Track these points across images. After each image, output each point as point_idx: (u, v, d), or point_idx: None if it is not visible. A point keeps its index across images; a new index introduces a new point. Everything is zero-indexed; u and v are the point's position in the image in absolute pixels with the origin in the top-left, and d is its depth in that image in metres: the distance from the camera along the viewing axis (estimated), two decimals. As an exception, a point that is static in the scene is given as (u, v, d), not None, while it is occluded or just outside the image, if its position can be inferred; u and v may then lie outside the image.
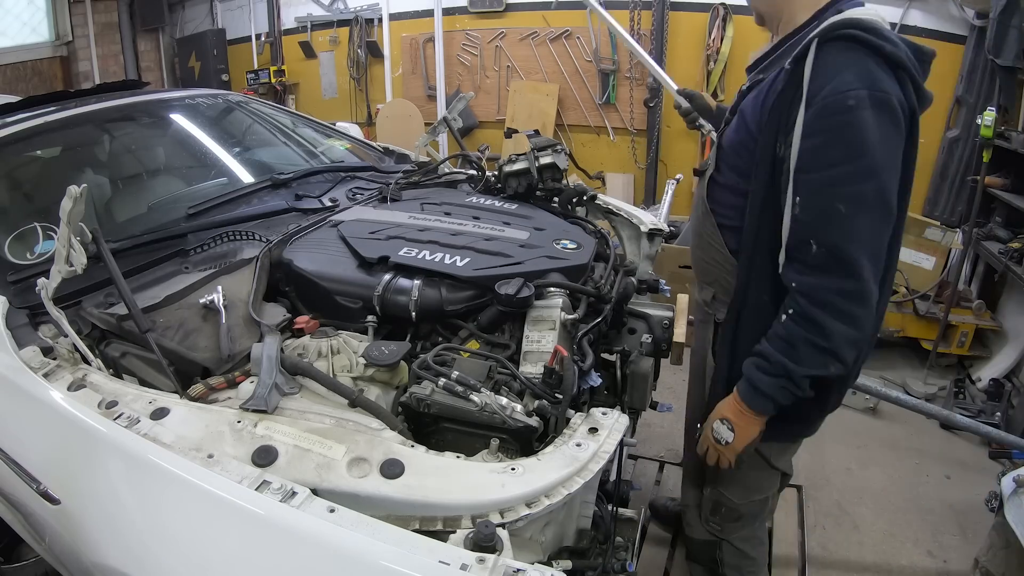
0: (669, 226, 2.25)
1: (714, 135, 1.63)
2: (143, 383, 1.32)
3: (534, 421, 1.20)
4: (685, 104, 1.84)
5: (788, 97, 1.15)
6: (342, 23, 5.88)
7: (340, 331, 1.44)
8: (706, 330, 1.55)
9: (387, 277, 1.52)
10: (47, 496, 1.15)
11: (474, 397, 1.21)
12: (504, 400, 1.21)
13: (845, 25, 1.09)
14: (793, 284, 1.20)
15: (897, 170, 1.14)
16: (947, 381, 3.38)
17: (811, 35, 1.12)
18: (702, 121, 1.83)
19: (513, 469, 1.06)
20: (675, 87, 1.96)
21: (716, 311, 1.48)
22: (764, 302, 1.30)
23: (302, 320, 1.48)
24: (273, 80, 6.13)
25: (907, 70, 1.11)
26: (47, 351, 1.31)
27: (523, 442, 1.21)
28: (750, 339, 1.33)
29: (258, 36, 6.29)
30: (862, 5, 1.19)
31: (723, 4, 4.52)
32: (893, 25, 4.06)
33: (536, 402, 1.26)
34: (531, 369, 1.37)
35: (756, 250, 1.28)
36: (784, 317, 1.22)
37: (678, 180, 4.06)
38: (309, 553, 0.92)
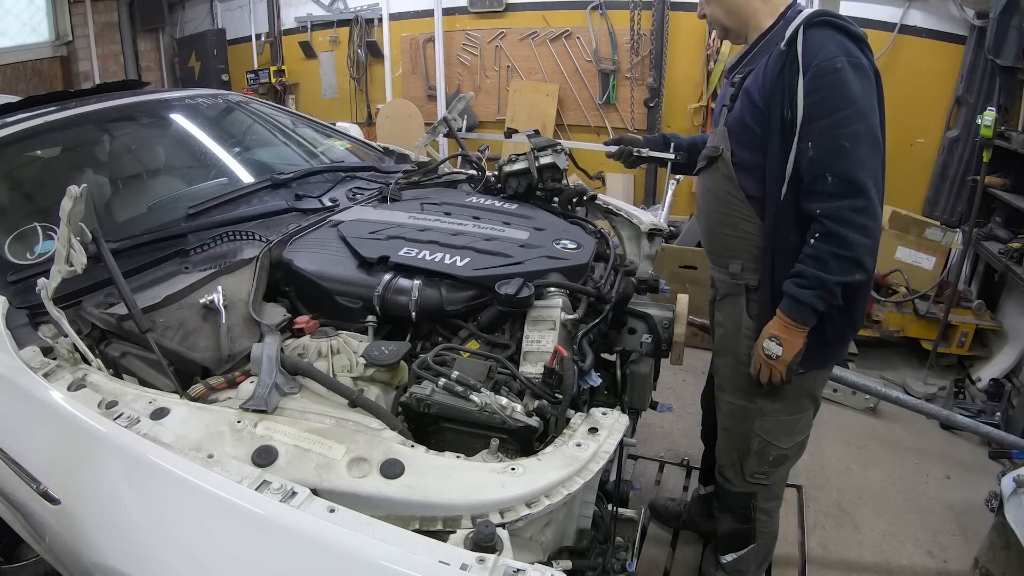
0: (669, 226, 2.25)
1: (651, 153, 1.93)
2: (143, 383, 1.32)
3: (534, 421, 1.20)
4: (613, 149, 1.99)
5: (786, 71, 1.45)
6: (342, 23, 5.88)
7: (340, 331, 1.44)
8: (735, 302, 1.70)
9: (387, 277, 1.52)
10: (47, 496, 1.15)
11: (474, 397, 1.21)
12: (504, 400, 1.21)
13: (820, 14, 1.46)
14: (817, 211, 1.45)
15: (876, 113, 1.45)
16: (947, 381, 3.38)
17: (794, 24, 1.45)
18: (640, 151, 1.95)
19: (513, 469, 1.06)
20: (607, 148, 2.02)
21: (747, 279, 1.65)
22: (792, 243, 1.53)
23: (302, 320, 1.48)
24: (273, 80, 6.13)
25: (866, 43, 1.47)
26: (47, 351, 1.31)
27: (523, 442, 1.21)
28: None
29: (258, 36, 6.29)
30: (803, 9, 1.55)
31: (723, 4, 4.51)
32: (893, 25, 4.08)
33: (536, 402, 1.26)
34: (531, 369, 1.37)
35: (782, 204, 1.51)
36: (812, 240, 1.46)
37: (678, 180, 4.06)
38: (309, 553, 0.92)
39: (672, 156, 1.91)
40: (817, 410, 1.80)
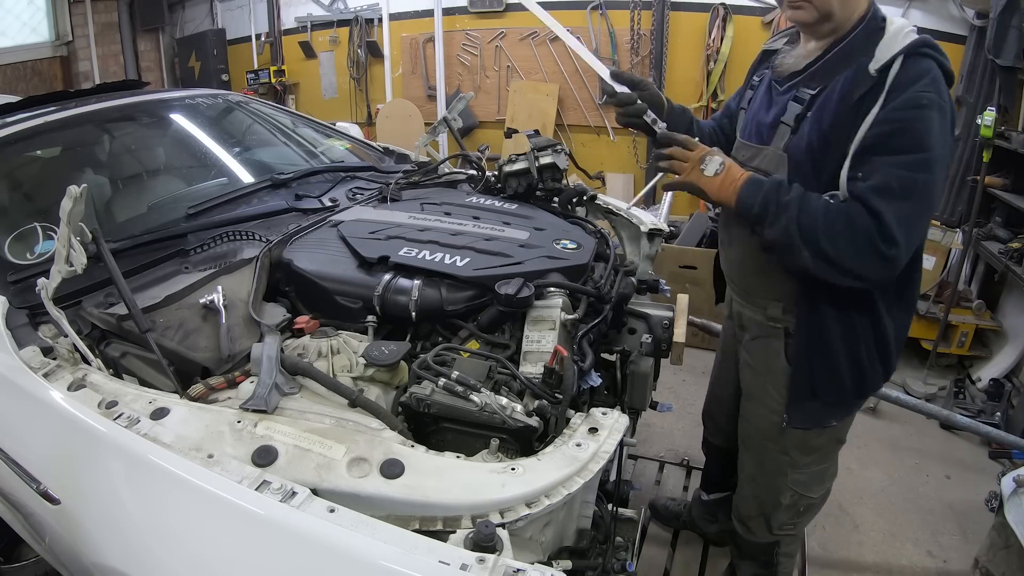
0: (669, 226, 2.25)
1: (662, 127, 1.50)
2: (143, 383, 1.32)
3: (534, 421, 1.20)
4: (623, 90, 1.56)
5: (868, 98, 1.26)
6: (342, 23, 5.88)
7: (340, 331, 1.44)
8: (768, 345, 1.58)
9: (387, 277, 1.52)
10: (47, 496, 1.14)
11: (474, 397, 1.21)
12: (504, 400, 1.21)
13: (925, 44, 1.27)
14: (852, 192, 1.28)
15: (945, 169, 1.29)
16: (947, 381, 3.38)
17: (895, 49, 1.25)
18: (652, 115, 1.52)
19: (513, 469, 1.06)
20: (607, 70, 1.61)
21: (787, 322, 1.52)
22: (839, 287, 1.36)
23: (302, 320, 1.48)
24: (273, 80, 6.13)
25: (952, 83, 1.30)
26: (47, 351, 1.31)
27: (523, 442, 1.21)
28: (837, 335, 1.45)
29: (258, 36, 6.29)
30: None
31: (723, 4, 4.52)
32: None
33: (536, 402, 1.26)
34: (531, 369, 1.37)
35: None
36: (830, 199, 1.30)
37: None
38: (309, 553, 0.92)
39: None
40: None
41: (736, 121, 1.64)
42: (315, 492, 1.00)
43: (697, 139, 1.45)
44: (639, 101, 1.54)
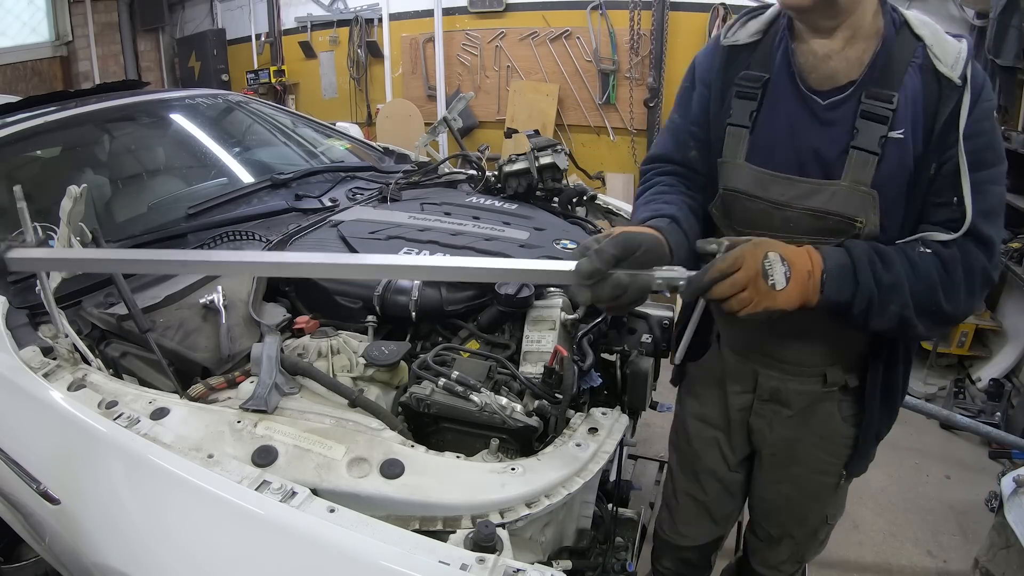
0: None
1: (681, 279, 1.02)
2: (143, 383, 1.32)
3: (534, 421, 1.20)
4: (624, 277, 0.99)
5: (955, 109, 1.07)
6: (342, 23, 5.88)
7: (340, 331, 1.44)
8: (823, 411, 1.33)
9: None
10: (47, 496, 1.14)
11: (474, 397, 1.21)
12: (504, 400, 1.21)
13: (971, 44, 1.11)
14: (953, 239, 1.06)
15: None
16: (947, 381, 3.38)
17: (964, 49, 1.08)
18: (659, 276, 1.00)
19: (513, 469, 1.06)
20: (569, 267, 0.96)
21: (847, 378, 1.29)
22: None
23: (302, 320, 1.48)
24: (273, 80, 6.13)
25: None
26: (47, 351, 1.31)
27: (523, 442, 1.21)
28: (902, 370, 1.28)
29: (258, 36, 6.29)
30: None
31: (723, 4, 4.52)
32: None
33: (536, 402, 1.26)
34: (531, 369, 1.37)
35: None
36: (922, 248, 1.08)
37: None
38: (309, 553, 0.92)
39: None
40: None
41: (717, 144, 1.23)
42: (315, 492, 1.00)
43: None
44: (627, 275, 0.97)
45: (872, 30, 1.10)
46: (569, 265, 0.94)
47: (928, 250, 1.08)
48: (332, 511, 0.97)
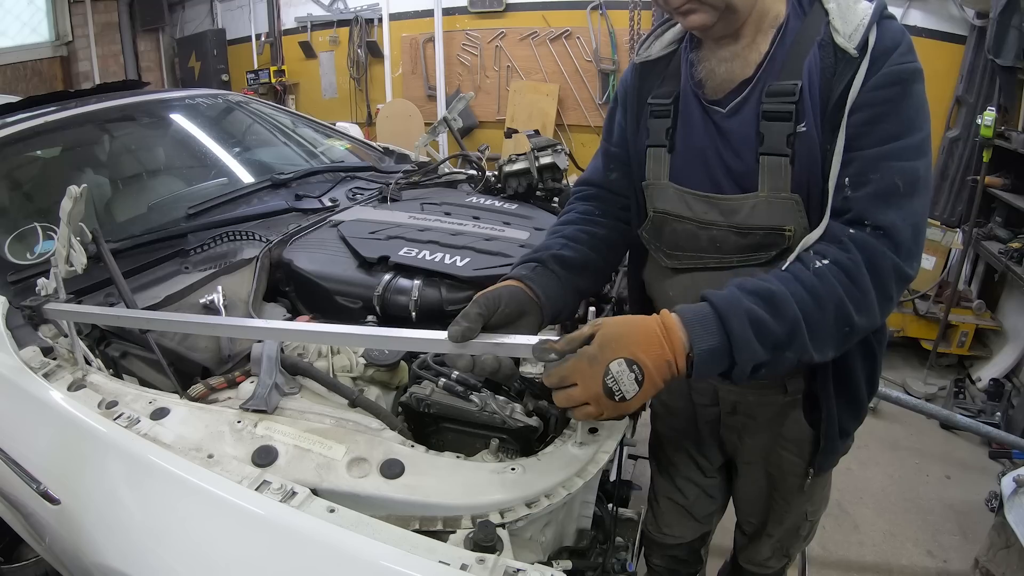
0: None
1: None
2: (143, 383, 1.32)
3: (534, 421, 1.20)
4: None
5: (843, 78, 0.97)
6: (342, 23, 5.88)
7: (340, 331, 1.44)
8: (783, 419, 1.28)
9: (387, 277, 1.52)
10: (47, 496, 1.14)
11: (474, 397, 1.21)
12: (504, 400, 1.21)
13: (884, 5, 1.00)
14: (850, 231, 0.96)
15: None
16: (947, 381, 3.38)
17: (868, 17, 0.98)
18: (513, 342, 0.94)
19: (513, 469, 1.06)
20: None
21: (810, 386, 1.22)
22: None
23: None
24: (273, 80, 6.13)
25: None
26: (47, 351, 1.31)
27: (523, 442, 1.21)
28: (859, 366, 1.17)
29: (258, 36, 6.30)
30: None
31: (723, 4, 4.52)
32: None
33: (536, 402, 1.26)
34: (531, 369, 1.37)
35: None
36: (818, 263, 0.94)
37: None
38: (309, 553, 0.92)
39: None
40: None
41: (638, 167, 1.19)
42: (315, 492, 1.00)
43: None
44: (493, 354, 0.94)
45: (771, 20, 1.03)
46: (442, 335, 0.90)
47: (826, 261, 0.94)
48: (332, 511, 0.97)
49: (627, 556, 1.40)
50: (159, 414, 1.15)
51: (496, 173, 2.17)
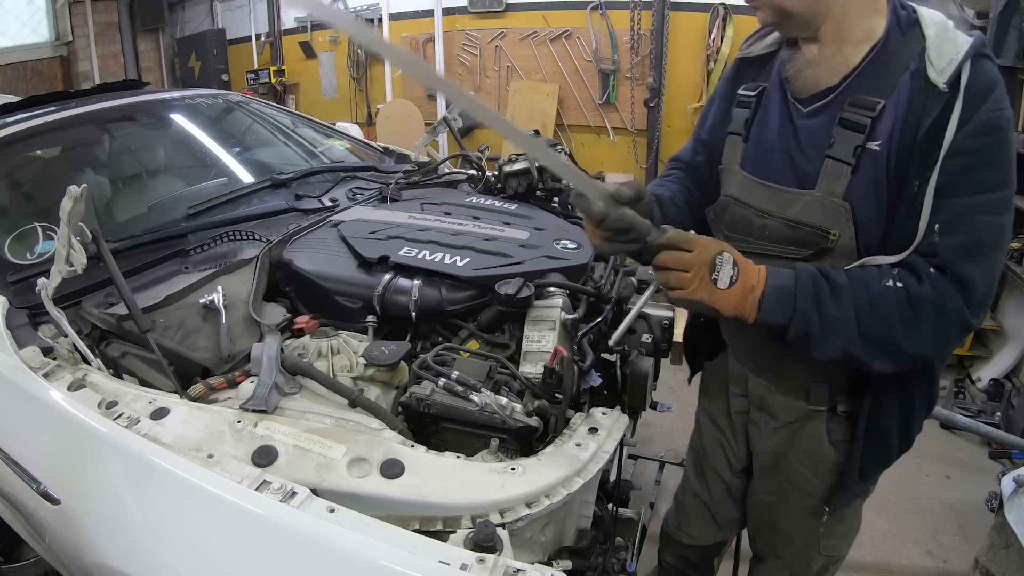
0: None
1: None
2: (143, 383, 1.32)
3: (534, 421, 1.20)
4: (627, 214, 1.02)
5: (942, 117, 0.98)
6: (342, 23, 5.87)
7: (340, 331, 1.44)
8: (807, 432, 1.29)
9: (387, 277, 1.52)
10: (47, 496, 1.15)
11: (474, 397, 1.21)
12: (504, 400, 1.21)
13: (984, 43, 1.01)
14: (931, 271, 1.00)
15: None
16: (947, 381, 3.38)
17: (962, 53, 0.98)
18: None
19: (513, 469, 1.06)
20: (603, 190, 1.01)
21: (835, 403, 1.25)
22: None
23: (302, 320, 1.48)
24: (273, 80, 6.13)
25: None
26: (47, 351, 1.31)
27: (523, 442, 1.21)
28: (895, 410, 1.19)
29: (258, 36, 6.29)
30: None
31: (723, 4, 4.52)
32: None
33: (536, 402, 1.26)
34: (531, 369, 1.37)
35: None
36: (889, 282, 1.00)
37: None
38: (309, 553, 0.92)
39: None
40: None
41: (718, 153, 1.28)
42: (315, 492, 1.00)
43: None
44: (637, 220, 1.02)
45: (863, 33, 1.05)
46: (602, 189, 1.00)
47: (899, 284, 1.00)
48: (332, 511, 0.97)
49: (627, 556, 1.40)
50: (159, 414, 1.15)
51: (496, 173, 2.17)
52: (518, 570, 0.88)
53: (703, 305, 1.02)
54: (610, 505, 1.46)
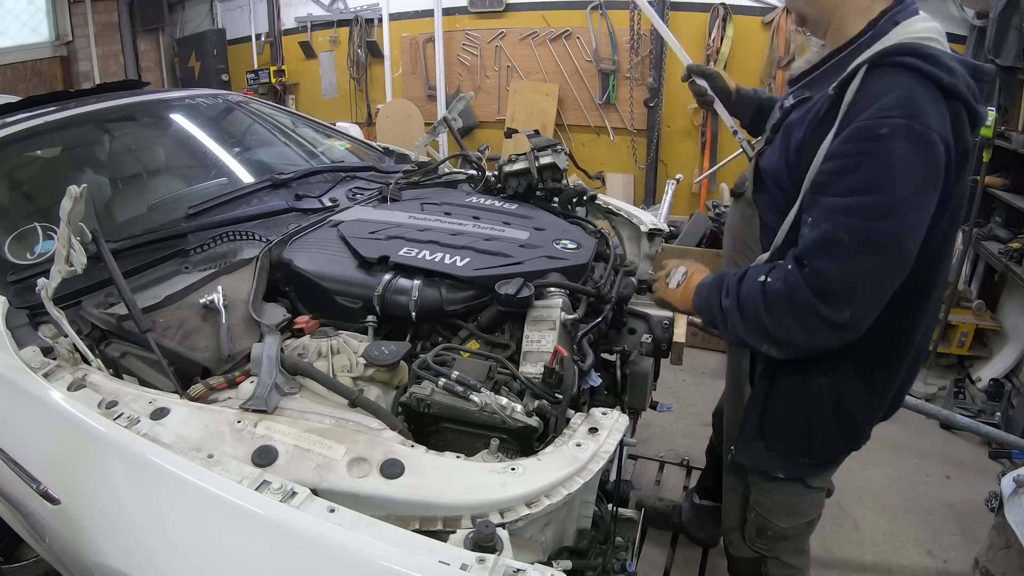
0: (669, 226, 2.25)
1: (728, 122, 1.74)
2: (143, 383, 1.32)
3: (534, 421, 1.20)
4: (701, 83, 1.77)
5: (828, 122, 1.07)
6: (342, 23, 5.88)
7: (340, 331, 1.44)
8: (742, 350, 1.53)
9: (387, 277, 1.52)
10: (47, 496, 1.14)
11: (474, 397, 1.21)
12: (504, 400, 1.21)
13: (900, 51, 1.02)
14: (789, 267, 1.13)
15: (924, 215, 1.04)
16: (947, 381, 3.38)
17: (861, 59, 1.04)
18: (719, 106, 1.76)
19: (513, 469, 1.06)
20: (690, 61, 1.84)
21: (752, 371, 1.45)
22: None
23: (302, 320, 1.48)
24: (273, 80, 6.14)
25: (965, 101, 1.02)
26: (47, 351, 1.31)
27: (523, 442, 1.21)
28: (788, 392, 1.34)
29: (258, 36, 6.30)
30: (917, 13, 1.11)
31: (723, 4, 4.52)
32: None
33: (536, 402, 1.26)
34: (531, 369, 1.37)
35: None
36: (763, 278, 1.16)
37: (678, 180, 4.06)
38: (309, 553, 0.92)
39: (739, 135, 1.78)
40: (826, 494, 1.57)
41: None
42: (315, 492, 1.00)
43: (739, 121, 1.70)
44: (709, 91, 1.75)
45: (844, 39, 1.16)
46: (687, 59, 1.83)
47: (767, 279, 1.16)
48: (332, 511, 0.97)
49: (627, 556, 1.40)
50: (159, 414, 1.15)
51: (496, 173, 2.17)
52: (518, 570, 0.88)
53: (663, 300, 1.43)
54: (610, 505, 1.46)
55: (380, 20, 5.66)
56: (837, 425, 1.32)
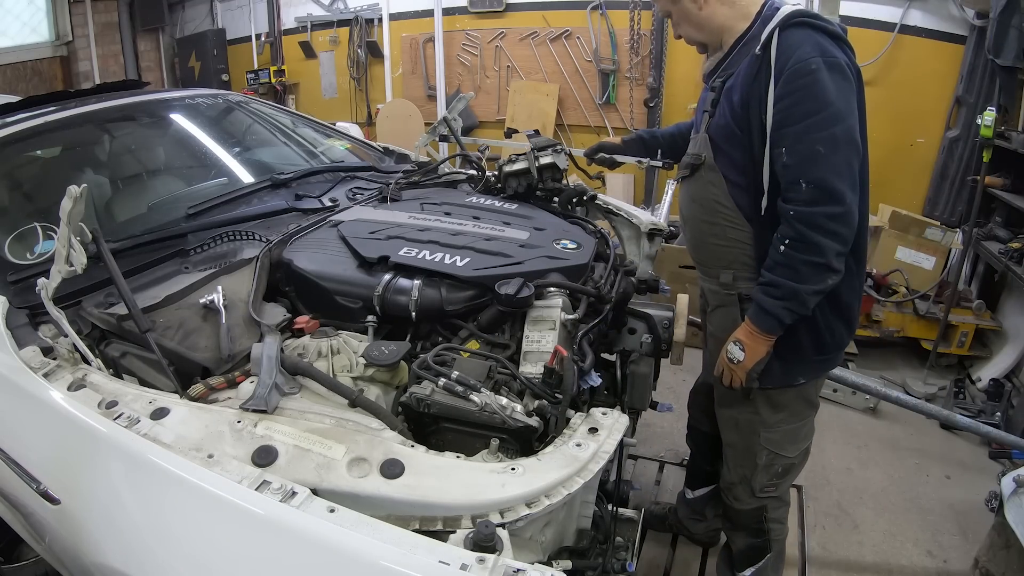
0: (669, 226, 2.25)
1: (633, 161, 2.03)
2: (143, 383, 1.32)
3: (534, 421, 1.20)
4: (603, 156, 2.07)
5: (762, 76, 1.42)
6: (342, 23, 5.88)
7: (340, 331, 1.44)
8: (727, 313, 1.66)
9: (387, 277, 1.52)
10: (47, 496, 1.15)
11: (474, 397, 1.21)
12: (504, 400, 1.21)
13: (796, 15, 1.41)
14: (790, 212, 1.40)
15: (855, 115, 1.41)
16: (947, 381, 3.38)
17: (769, 26, 1.41)
18: (622, 157, 2.04)
19: (513, 469, 1.06)
20: (581, 152, 2.08)
21: (740, 288, 1.61)
22: None
23: (302, 320, 1.48)
24: (273, 80, 6.13)
25: (846, 42, 1.43)
26: (47, 351, 1.31)
27: (523, 442, 1.21)
28: None
29: (258, 36, 6.29)
30: (785, 3, 1.49)
31: None
32: (893, 25, 4.08)
33: (536, 402, 1.26)
34: (531, 369, 1.37)
35: (767, 211, 1.49)
36: (782, 247, 1.42)
37: (678, 180, 4.06)
38: (309, 553, 0.92)
39: (646, 160, 2.01)
40: (816, 412, 1.76)
41: None
42: (315, 492, 1.00)
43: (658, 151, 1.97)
44: (610, 156, 2.08)
45: (733, 37, 1.53)
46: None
47: (785, 242, 1.41)
48: (332, 511, 0.97)
49: (627, 556, 1.40)
50: (159, 414, 1.15)
51: (496, 173, 2.17)
52: (518, 570, 0.88)
53: (752, 371, 1.55)
54: (610, 505, 1.46)
55: (380, 20, 5.66)
56: (836, 315, 1.56)
